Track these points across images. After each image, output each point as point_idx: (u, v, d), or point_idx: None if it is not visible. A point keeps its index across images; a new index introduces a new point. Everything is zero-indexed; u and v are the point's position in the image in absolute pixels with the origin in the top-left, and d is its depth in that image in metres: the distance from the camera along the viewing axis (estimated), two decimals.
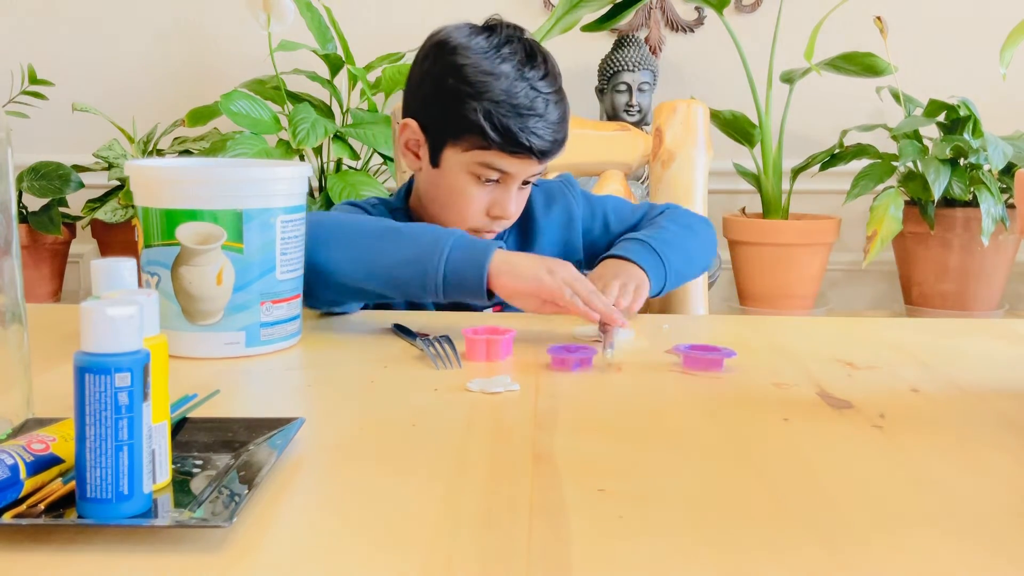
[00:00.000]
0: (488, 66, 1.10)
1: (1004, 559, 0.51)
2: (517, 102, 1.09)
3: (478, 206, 1.14)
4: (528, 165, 1.12)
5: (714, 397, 0.81)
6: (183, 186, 0.91)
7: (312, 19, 2.77)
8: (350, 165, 2.85)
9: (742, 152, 3.04)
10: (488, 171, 1.12)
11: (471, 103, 1.09)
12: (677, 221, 1.21)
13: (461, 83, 1.11)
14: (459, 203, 1.15)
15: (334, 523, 0.54)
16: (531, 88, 1.10)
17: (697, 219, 1.25)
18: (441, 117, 1.13)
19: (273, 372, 0.89)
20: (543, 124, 1.10)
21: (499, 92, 1.09)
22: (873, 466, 0.64)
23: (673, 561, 0.50)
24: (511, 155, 1.10)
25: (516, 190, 1.15)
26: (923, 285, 2.93)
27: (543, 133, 1.10)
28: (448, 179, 1.15)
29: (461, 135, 1.11)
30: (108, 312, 0.51)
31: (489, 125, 1.09)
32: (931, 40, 3.11)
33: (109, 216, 2.80)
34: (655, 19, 3.19)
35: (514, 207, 1.15)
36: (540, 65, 1.12)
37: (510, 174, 1.13)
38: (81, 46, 3.21)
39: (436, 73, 1.13)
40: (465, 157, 1.12)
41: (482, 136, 1.10)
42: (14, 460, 0.54)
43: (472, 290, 0.98)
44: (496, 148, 1.10)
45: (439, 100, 1.13)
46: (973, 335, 1.07)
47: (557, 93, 1.13)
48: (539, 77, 1.11)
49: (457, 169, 1.13)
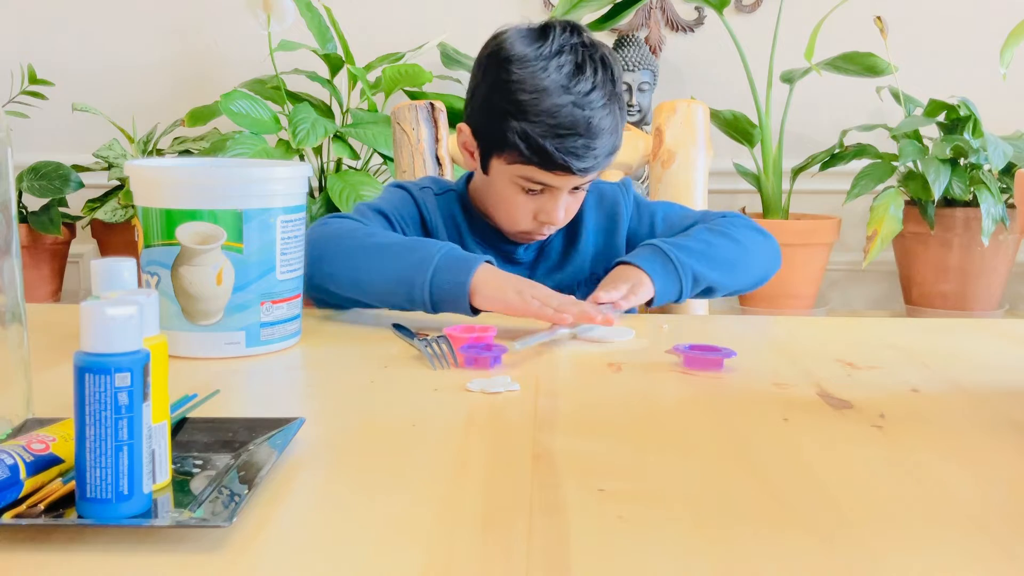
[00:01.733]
0: (532, 83, 1.10)
1: (1004, 559, 0.51)
2: (556, 122, 1.09)
3: (524, 212, 1.17)
4: (570, 179, 1.13)
5: (714, 397, 0.81)
6: (183, 186, 0.91)
7: (312, 19, 2.77)
8: (350, 165, 2.85)
9: (742, 152, 3.04)
10: (530, 183, 1.14)
11: (511, 122, 1.11)
12: (716, 229, 1.18)
13: (504, 101, 1.12)
14: (507, 209, 1.18)
15: (334, 523, 0.54)
16: (574, 104, 1.10)
17: (748, 230, 1.21)
18: (487, 130, 1.16)
19: (273, 372, 0.89)
20: (583, 143, 1.10)
21: (539, 112, 1.10)
22: (873, 466, 0.64)
23: (673, 561, 0.50)
24: (549, 172, 1.12)
25: (564, 198, 1.16)
26: (923, 285, 2.93)
27: (582, 153, 1.10)
28: (496, 186, 1.18)
29: (504, 149, 1.14)
30: (108, 312, 0.51)
31: (525, 145, 1.11)
32: (931, 40, 3.10)
33: (109, 216, 2.80)
34: (655, 19, 3.19)
35: (561, 214, 1.16)
36: (590, 77, 1.11)
37: (553, 186, 1.14)
38: (81, 46, 3.21)
39: (485, 86, 1.16)
40: (509, 169, 1.14)
41: (520, 154, 1.12)
42: (14, 460, 0.54)
43: (458, 307, 1.02)
44: (535, 165, 1.12)
45: (485, 114, 1.16)
46: (973, 335, 1.07)
47: (607, 106, 1.12)
48: (587, 91, 1.10)
49: (503, 178, 1.16)
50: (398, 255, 1.05)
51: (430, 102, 1.48)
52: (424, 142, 1.47)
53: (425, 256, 1.03)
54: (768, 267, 1.23)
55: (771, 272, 1.23)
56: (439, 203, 1.24)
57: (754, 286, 1.23)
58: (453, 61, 2.94)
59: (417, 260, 1.03)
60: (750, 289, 1.22)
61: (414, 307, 1.04)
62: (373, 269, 1.06)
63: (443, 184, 1.27)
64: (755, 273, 1.21)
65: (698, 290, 1.14)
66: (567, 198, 1.16)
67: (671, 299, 1.12)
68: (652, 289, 1.08)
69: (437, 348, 0.92)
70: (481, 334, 0.94)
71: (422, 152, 1.46)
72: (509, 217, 1.19)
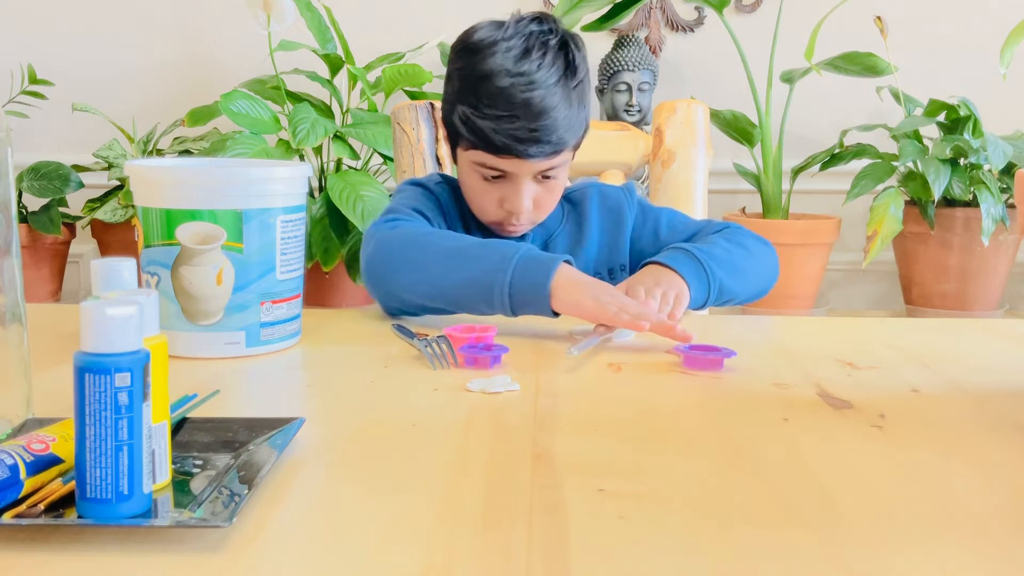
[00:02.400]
0: (480, 67, 1.10)
1: (1004, 559, 0.51)
2: (495, 103, 1.08)
3: (489, 200, 1.16)
4: (521, 164, 1.10)
5: (714, 397, 0.81)
6: (183, 186, 0.91)
7: (312, 19, 2.77)
8: (350, 165, 2.85)
9: (742, 152, 3.04)
10: (485, 170, 1.13)
11: (458, 107, 1.12)
12: (731, 239, 1.17)
13: (455, 88, 1.14)
14: (474, 198, 1.18)
15: (334, 523, 0.54)
16: (514, 87, 1.08)
17: (755, 240, 1.21)
18: (446, 118, 1.17)
19: (273, 372, 0.89)
20: (521, 125, 1.08)
21: (479, 95, 1.09)
22: (873, 466, 0.64)
23: (673, 561, 0.50)
24: (497, 156, 1.11)
25: (527, 185, 1.13)
26: (923, 285, 2.93)
27: (523, 135, 1.08)
28: (463, 175, 1.18)
29: (459, 136, 1.14)
30: (108, 312, 0.51)
31: (467, 129, 1.11)
32: (931, 40, 3.11)
33: (109, 216, 2.80)
34: (655, 19, 3.19)
35: (525, 202, 1.13)
36: (536, 60, 1.09)
37: (509, 172, 1.12)
38: (81, 46, 3.21)
39: (447, 75, 1.17)
40: (467, 156, 1.14)
41: (467, 140, 1.12)
42: (14, 460, 0.54)
43: (538, 309, 1.00)
44: (482, 150, 1.11)
45: (445, 102, 1.17)
46: (973, 335, 1.07)
47: (553, 89, 1.09)
48: (530, 72, 1.08)
49: (466, 166, 1.16)
50: (474, 258, 1.02)
51: (430, 102, 1.48)
52: (424, 142, 1.47)
53: (503, 258, 1.00)
54: (772, 277, 1.23)
55: (772, 283, 1.23)
56: (453, 198, 1.24)
57: (759, 296, 1.22)
58: None
59: (495, 262, 1.00)
60: (755, 299, 1.21)
61: (493, 310, 1.01)
62: (449, 274, 1.02)
63: (452, 180, 1.27)
64: (763, 283, 1.21)
65: (721, 300, 1.12)
66: (533, 187, 1.13)
67: (698, 305, 1.09)
68: (690, 295, 1.06)
69: (437, 348, 0.92)
70: (481, 334, 0.94)
71: (422, 152, 1.46)
72: (478, 206, 1.18)
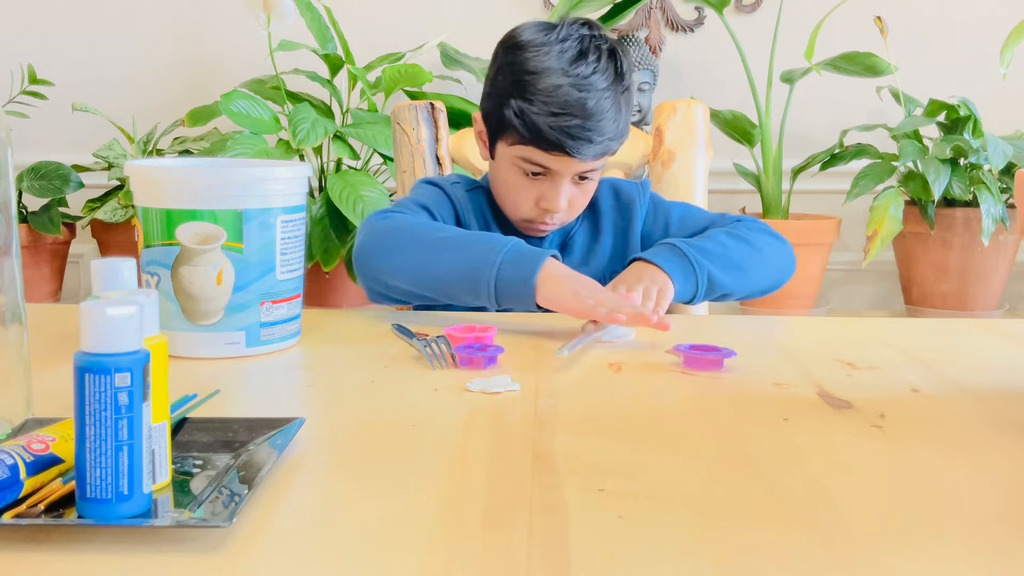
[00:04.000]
0: (534, 64, 1.12)
1: (1004, 559, 0.51)
2: (553, 100, 1.10)
3: (526, 197, 1.17)
4: (568, 162, 1.12)
5: (714, 397, 0.81)
6: (183, 186, 0.91)
7: (312, 19, 2.77)
8: (350, 165, 2.85)
9: (742, 152, 3.04)
10: (530, 165, 1.14)
11: (511, 101, 1.13)
12: (734, 233, 1.17)
13: (507, 82, 1.14)
14: (510, 194, 1.19)
15: (334, 523, 0.54)
16: (572, 86, 1.10)
17: (764, 235, 1.20)
18: (492, 112, 1.18)
19: (273, 372, 0.89)
20: (578, 123, 1.10)
21: (537, 91, 1.11)
22: (873, 466, 0.64)
23: (673, 561, 0.50)
24: (546, 152, 1.12)
25: (566, 185, 1.15)
26: (923, 285, 2.93)
27: (576, 133, 1.10)
28: (501, 171, 1.19)
29: (506, 130, 1.15)
30: (108, 312, 0.51)
31: (521, 123, 1.12)
32: (931, 40, 3.10)
33: (109, 216, 2.80)
34: (655, 19, 3.19)
35: (562, 202, 1.15)
36: (592, 63, 1.12)
37: (552, 170, 1.14)
38: (81, 46, 3.21)
39: (494, 71, 1.18)
40: (511, 151, 1.15)
41: (518, 133, 1.13)
42: (14, 460, 0.54)
43: (523, 302, 1.02)
44: (532, 145, 1.12)
45: (491, 96, 1.18)
46: (973, 335, 1.07)
47: (607, 92, 1.12)
48: (587, 74, 1.11)
49: (506, 162, 1.17)
50: (464, 248, 1.05)
51: (430, 102, 1.48)
52: (424, 142, 1.47)
53: (492, 250, 1.02)
54: (782, 272, 1.22)
55: (785, 278, 1.22)
56: (470, 198, 1.25)
57: (767, 291, 1.21)
58: (453, 61, 2.94)
59: (483, 254, 1.02)
60: (763, 294, 1.20)
61: (479, 301, 1.03)
62: (439, 262, 1.05)
63: (471, 181, 1.28)
64: (769, 278, 1.20)
65: (714, 295, 1.13)
66: (570, 187, 1.16)
67: (685, 300, 1.11)
68: (674, 290, 1.07)
69: (436, 348, 0.92)
70: (481, 334, 0.94)
71: (422, 152, 1.46)
72: (512, 202, 1.19)
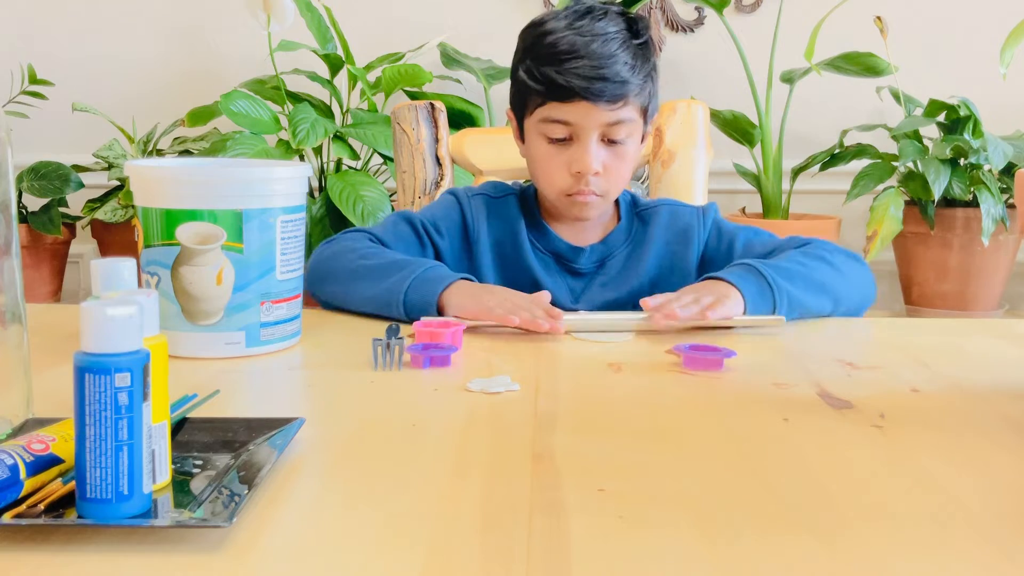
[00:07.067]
0: (541, 29, 1.15)
1: (1004, 559, 0.51)
2: (557, 50, 1.12)
3: (557, 166, 1.17)
4: (590, 111, 1.12)
5: (714, 397, 0.81)
6: (183, 186, 0.91)
7: (312, 19, 2.77)
8: (350, 165, 2.85)
9: (742, 152, 3.04)
10: (552, 126, 1.15)
11: (521, 65, 1.16)
12: (810, 253, 1.14)
13: (519, 53, 1.18)
14: (542, 169, 1.19)
15: (334, 523, 0.54)
16: (577, 34, 1.12)
17: (842, 255, 1.16)
18: (515, 94, 1.20)
19: (273, 372, 0.89)
20: (585, 63, 1.11)
21: (542, 46, 1.14)
22: (873, 466, 0.64)
23: (673, 561, 0.50)
24: (563, 102, 1.13)
25: (594, 143, 1.15)
26: (923, 285, 2.93)
27: (585, 72, 1.11)
28: (531, 149, 1.20)
29: (525, 102, 1.17)
30: (108, 312, 0.51)
31: (530, 78, 1.14)
32: (931, 40, 3.10)
33: (109, 216, 2.80)
34: (655, 19, 3.19)
35: (592, 161, 1.14)
36: (599, 18, 1.13)
37: (574, 124, 1.14)
38: (81, 46, 3.21)
39: (515, 59, 1.20)
40: (533, 121, 1.17)
41: (533, 92, 1.14)
42: (14, 460, 0.54)
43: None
44: (549, 99, 1.13)
45: (512, 79, 1.21)
46: (973, 335, 1.07)
47: (619, 36, 1.13)
48: (590, 25, 1.12)
49: (533, 136, 1.18)
50: (380, 276, 1.09)
51: (430, 102, 1.48)
52: (424, 142, 1.47)
53: (403, 276, 1.07)
54: (865, 295, 1.16)
55: (868, 302, 1.16)
56: (494, 207, 1.24)
57: (854, 312, 1.14)
58: (453, 61, 2.94)
59: (395, 281, 1.07)
60: (852, 315, 1.14)
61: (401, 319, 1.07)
62: (359, 290, 1.11)
63: (504, 188, 1.27)
64: (854, 299, 1.14)
65: (796, 314, 1.08)
66: (601, 150, 1.15)
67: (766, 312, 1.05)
68: (742, 302, 1.03)
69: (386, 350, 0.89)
70: (456, 329, 0.95)
71: (422, 152, 1.46)
72: (546, 176, 1.18)
